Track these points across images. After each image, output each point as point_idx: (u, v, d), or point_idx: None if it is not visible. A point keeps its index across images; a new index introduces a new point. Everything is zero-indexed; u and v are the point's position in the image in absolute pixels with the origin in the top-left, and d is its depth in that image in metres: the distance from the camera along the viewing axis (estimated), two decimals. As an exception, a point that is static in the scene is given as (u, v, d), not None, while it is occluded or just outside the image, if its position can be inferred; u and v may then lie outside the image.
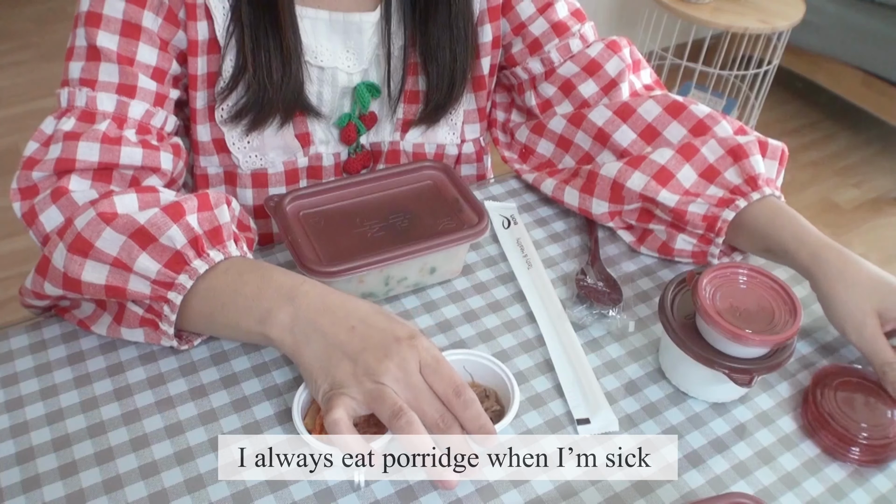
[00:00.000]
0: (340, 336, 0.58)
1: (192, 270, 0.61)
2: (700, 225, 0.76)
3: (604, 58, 0.85)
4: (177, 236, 0.61)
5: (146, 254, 0.61)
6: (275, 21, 0.73)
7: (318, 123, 0.83)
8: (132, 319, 0.65)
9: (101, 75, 0.70)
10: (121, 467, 0.59)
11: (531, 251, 0.81)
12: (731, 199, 0.75)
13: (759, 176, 0.76)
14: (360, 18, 0.79)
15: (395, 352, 0.56)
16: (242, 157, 0.81)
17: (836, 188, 2.45)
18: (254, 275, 0.62)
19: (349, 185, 0.77)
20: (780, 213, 0.74)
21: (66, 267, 0.62)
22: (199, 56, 0.75)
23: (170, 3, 0.72)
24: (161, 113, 0.73)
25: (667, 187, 0.77)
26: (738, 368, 0.62)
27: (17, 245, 1.99)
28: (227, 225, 0.65)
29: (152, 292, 0.61)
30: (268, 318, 0.60)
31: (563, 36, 0.85)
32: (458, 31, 0.80)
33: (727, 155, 0.77)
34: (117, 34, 0.70)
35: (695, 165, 0.78)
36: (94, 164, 0.67)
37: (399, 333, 0.58)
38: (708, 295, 0.64)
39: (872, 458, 0.63)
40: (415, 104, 0.86)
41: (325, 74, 0.80)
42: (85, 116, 0.69)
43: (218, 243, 0.64)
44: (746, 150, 0.77)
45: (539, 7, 0.85)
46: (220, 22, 0.73)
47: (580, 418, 0.65)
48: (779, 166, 0.79)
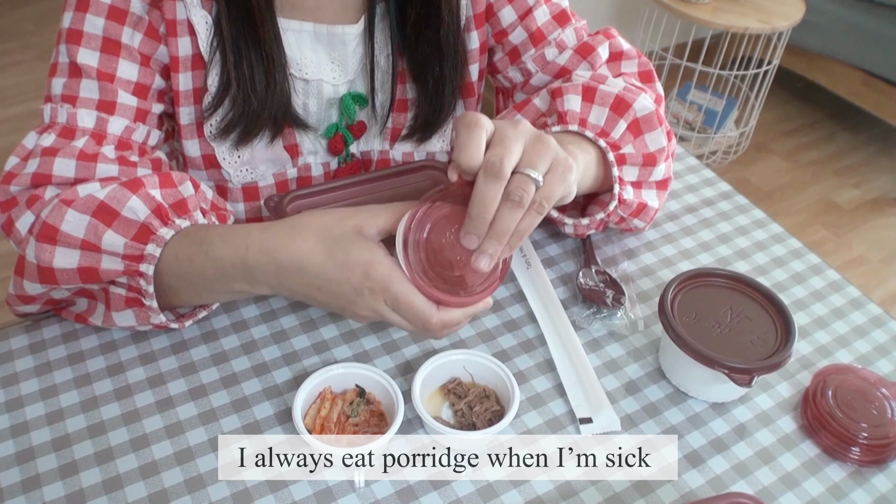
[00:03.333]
0: (315, 297, 0.61)
1: (159, 238, 0.62)
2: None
3: (573, 64, 0.83)
4: (138, 207, 0.62)
5: (111, 230, 0.62)
6: (255, 33, 0.72)
7: (306, 134, 0.82)
8: (118, 302, 0.66)
9: (82, 92, 0.70)
10: (121, 467, 0.59)
11: (530, 251, 0.81)
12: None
13: (569, 112, 0.75)
14: (343, 31, 0.78)
15: (361, 305, 0.60)
16: (233, 171, 0.80)
17: (836, 188, 2.45)
18: (205, 259, 0.63)
19: (349, 185, 0.76)
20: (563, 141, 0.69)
21: (38, 257, 0.62)
22: (181, 72, 0.74)
23: (150, 18, 0.71)
24: (142, 128, 0.73)
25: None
26: (738, 368, 0.62)
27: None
28: (193, 198, 0.67)
29: (125, 268, 0.62)
30: (249, 290, 0.64)
31: (538, 45, 0.84)
32: (447, 49, 0.80)
33: (551, 100, 0.78)
34: (98, 51, 0.70)
35: (527, 114, 0.80)
36: (69, 179, 0.68)
37: (354, 282, 0.59)
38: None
39: (872, 458, 0.63)
40: (403, 113, 0.85)
41: (311, 87, 0.80)
42: (65, 133, 0.70)
43: (184, 213, 0.65)
44: (563, 90, 0.77)
45: (519, 14, 0.83)
46: (203, 37, 0.73)
47: (582, 418, 0.65)
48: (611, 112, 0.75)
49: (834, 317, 0.77)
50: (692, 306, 0.68)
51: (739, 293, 0.70)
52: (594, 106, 0.75)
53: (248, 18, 0.72)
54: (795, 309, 0.77)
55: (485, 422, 0.62)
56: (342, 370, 0.63)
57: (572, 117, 0.75)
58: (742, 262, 0.82)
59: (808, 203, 2.38)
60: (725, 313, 0.68)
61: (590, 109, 0.75)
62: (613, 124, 0.75)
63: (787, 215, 2.31)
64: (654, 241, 0.84)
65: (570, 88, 0.76)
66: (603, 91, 0.75)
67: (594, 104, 0.75)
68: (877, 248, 2.25)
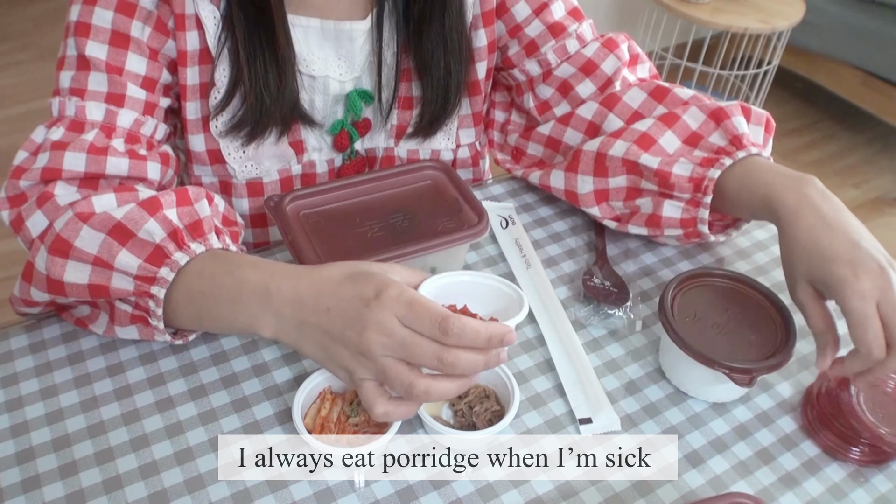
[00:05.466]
0: (323, 323, 0.56)
1: (173, 263, 0.61)
2: (686, 187, 0.74)
3: (600, 57, 0.84)
4: (155, 230, 0.61)
5: (126, 250, 0.61)
6: (269, 31, 0.72)
7: (311, 131, 0.82)
8: (123, 318, 0.65)
9: (91, 84, 0.70)
10: (121, 467, 0.59)
11: (530, 251, 0.81)
12: (715, 159, 0.74)
13: (744, 136, 0.74)
14: (351, 27, 0.78)
15: (370, 319, 0.54)
16: (238, 167, 0.80)
17: (836, 188, 2.43)
18: (227, 277, 0.61)
19: (349, 185, 0.76)
20: (759, 167, 0.72)
21: (48, 269, 0.62)
22: (188, 66, 0.74)
23: (158, 12, 0.72)
24: (151, 121, 0.73)
25: (649, 151, 0.76)
26: (738, 368, 0.62)
27: (16, 245, 1.98)
28: (208, 218, 0.65)
29: (135, 288, 0.61)
30: (254, 322, 0.59)
31: (559, 37, 0.84)
32: (452, 44, 0.80)
33: (709, 119, 0.76)
34: (106, 44, 0.70)
35: (677, 131, 0.77)
36: (80, 173, 0.67)
37: (366, 295, 0.54)
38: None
39: (873, 458, 0.63)
40: (409, 110, 0.85)
41: (317, 83, 0.80)
42: (74, 126, 0.69)
43: (199, 236, 0.64)
44: (728, 111, 0.76)
45: (534, 8, 0.84)
46: (211, 32, 0.73)
47: (582, 418, 0.65)
48: (765, 133, 0.77)
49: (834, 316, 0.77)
50: (692, 306, 0.68)
51: (739, 293, 0.70)
52: (751, 125, 0.77)
53: (261, 17, 0.72)
54: (795, 309, 0.77)
55: (485, 422, 0.62)
56: (342, 370, 0.63)
57: (748, 140, 0.75)
58: (742, 262, 0.82)
59: (808, 203, 2.37)
60: (725, 313, 0.68)
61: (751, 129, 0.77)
62: (767, 143, 0.78)
63: (787, 215, 2.31)
64: (655, 241, 0.84)
65: (734, 110, 0.76)
66: (756, 112, 0.78)
67: (751, 123, 0.77)
68: (877, 248, 2.24)
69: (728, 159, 0.73)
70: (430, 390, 0.54)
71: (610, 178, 0.79)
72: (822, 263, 0.63)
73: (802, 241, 0.65)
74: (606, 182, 0.79)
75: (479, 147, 0.94)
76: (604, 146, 0.78)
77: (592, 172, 0.79)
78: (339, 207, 0.75)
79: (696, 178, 0.74)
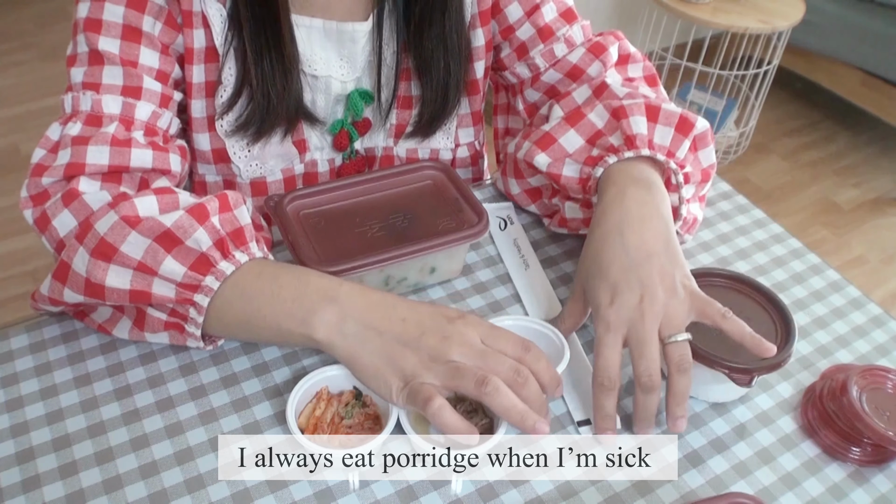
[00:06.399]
0: (395, 329, 0.59)
1: (219, 272, 0.61)
2: (576, 189, 0.74)
3: (585, 62, 0.83)
4: (203, 238, 0.61)
5: (171, 257, 0.60)
6: (275, 30, 0.72)
7: (314, 130, 0.83)
8: (155, 324, 0.64)
9: (105, 78, 0.70)
10: (121, 467, 0.59)
11: (528, 251, 0.81)
12: (601, 157, 0.73)
13: (637, 136, 0.72)
14: (353, 28, 0.78)
15: (453, 330, 0.58)
16: (243, 166, 0.81)
17: (836, 188, 2.45)
18: (290, 276, 0.62)
19: (349, 185, 0.77)
20: (626, 167, 0.70)
21: (90, 272, 0.60)
22: (195, 64, 0.74)
23: (169, 8, 0.72)
24: (167, 114, 0.73)
25: (546, 151, 0.75)
26: (738, 368, 0.62)
27: (17, 245, 1.99)
28: (248, 226, 0.65)
29: (177, 296, 0.61)
30: (311, 318, 0.60)
31: (547, 41, 0.84)
32: (452, 44, 0.80)
33: (612, 118, 0.75)
34: (118, 38, 0.70)
35: (581, 130, 0.76)
36: (104, 167, 0.67)
37: (449, 314, 0.60)
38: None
39: (873, 458, 0.63)
40: (408, 110, 0.85)
41: (319, 83, 0.80)
42: (91, 120, 0.69)
43: (241, 244, 0.63)
44: (627, 110, 0.73)
45: (526, 10, 0.83)
46: (217, 30, 0.73)
47: (580, 420, 0.65)
48: (676, 133, 0.73)
49: (834, 317, 0.77)
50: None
51: (739, 293, 0.70)
52: (658, 126, 0.73)
53: (268, 18, 0.72)
54: (795, 309, 0.77)
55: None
56: (339, 371, 0.63)
57: (641, 141, 0.72)
58: (742, 262, 0.82)
59: (807, 203, 2.38)
60: (725, 313, 0.68)
61: (654, 129, 0.73)
62: (679, 144, 0.73)
63: (786, 215, 2.31)
64: (654, 241, 0.84)
65: (634, 109, 0.74)
66: (666, 111, 0.74)
67: (658, 123, 0.73)
68: (877, 248, 2.25)
69: (613, 157, 0.72)
70: (500, 389, 0.56)
71: (529, 178, 0.80)
72: (592, 278, 0.66)
73: (593, 245, 0.67)
74: (528, 182, 0.81)
75: (478, 146, 0.94)
76: (516, 148, 0.80)
77: (514, 174, 0.82)
78: (340, 207, 0.75)
79: (583, 179, 0.74)
